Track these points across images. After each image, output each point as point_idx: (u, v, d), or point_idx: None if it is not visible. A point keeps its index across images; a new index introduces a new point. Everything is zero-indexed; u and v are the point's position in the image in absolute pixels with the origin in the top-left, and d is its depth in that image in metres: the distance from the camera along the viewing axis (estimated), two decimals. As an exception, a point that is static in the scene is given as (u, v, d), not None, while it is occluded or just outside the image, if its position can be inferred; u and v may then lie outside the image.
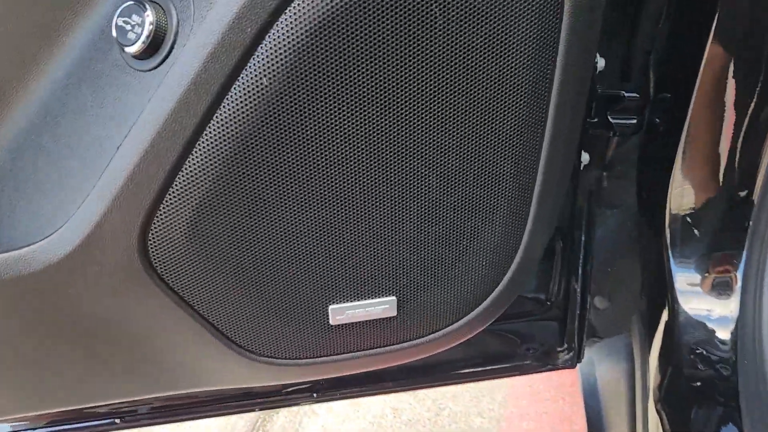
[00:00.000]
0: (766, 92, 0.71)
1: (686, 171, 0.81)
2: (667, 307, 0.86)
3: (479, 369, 0.97)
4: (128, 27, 0.51)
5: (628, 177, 0.97)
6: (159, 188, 0.53)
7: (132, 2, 0.51)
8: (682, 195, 0.82)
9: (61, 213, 0.56)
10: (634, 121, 0.87)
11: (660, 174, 0.86)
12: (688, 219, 0.82)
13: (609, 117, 0.87)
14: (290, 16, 0.48)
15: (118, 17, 0.51)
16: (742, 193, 0.77)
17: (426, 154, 0.56)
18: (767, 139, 0.71)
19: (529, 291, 0.99)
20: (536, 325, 1.00)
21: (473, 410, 1.47)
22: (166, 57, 0.51)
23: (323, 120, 0.52)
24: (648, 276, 0.98)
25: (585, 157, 0.88)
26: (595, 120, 0.87)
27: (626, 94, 0.86)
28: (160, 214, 0.54)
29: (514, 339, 0.99)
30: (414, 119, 0.54)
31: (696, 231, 0.81)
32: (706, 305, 0.80)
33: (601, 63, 0.81)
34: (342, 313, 0.64)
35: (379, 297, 0.64)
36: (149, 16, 0.50)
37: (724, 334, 0.76)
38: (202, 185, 0.53)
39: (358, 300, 0.63)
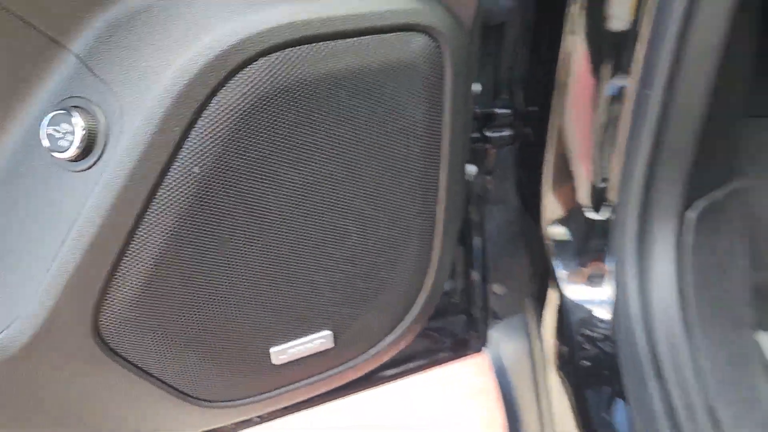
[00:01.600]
0: (603, 109, 0.85)
1: (549, 182, 0.94)
2: (555, 290, 0.99)
3: (401, 369, 1.07)
4: (59, 135, 0.54)
5: (509, 179, 1.10)
6: (106, 277, 0.58)
7: (59, 111, 0.54)
8: (550, 203, 0.95)
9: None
10: (508, 134, 1.00)
11: (535, 178, 0.99)
12: (559, 224, 0.95)
13: (485, 132, 0.99)
14: (213, 112, 0.54)
15: (48, 126, 0.54)
16: (590, 210, 0.91)
17: (346, 210, 0.64)
18: (615, 151, 0.84)
19: (438, 291, 1.11)
20: (448, 320, 1.12)
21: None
22: (101, 156, 0.55)
23: (249, 194, 0.59)
24: (535, 263, 1.12)
25: (473, 169, 1.00)
26: (477, 135, 0.99)
27: (498, 111, 0.99)
28: (109, 298, 0.59)
29: (432, 336, 1.10)
30: (333, 185, 0.62)
31: (567, 233, 0.95)
32: (585, 293, 0.94)
33: (477, 87, 0.93)
34: (284, 353, 0.71)
35: (316, 333, 0.71)
36: (79, 123, 0.54)
37: (603, 315, 0.90)
38: (146, 267, 0.58)
39: (297, 338, 0.71)
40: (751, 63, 0.92)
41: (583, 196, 0.91)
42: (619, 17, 0.81)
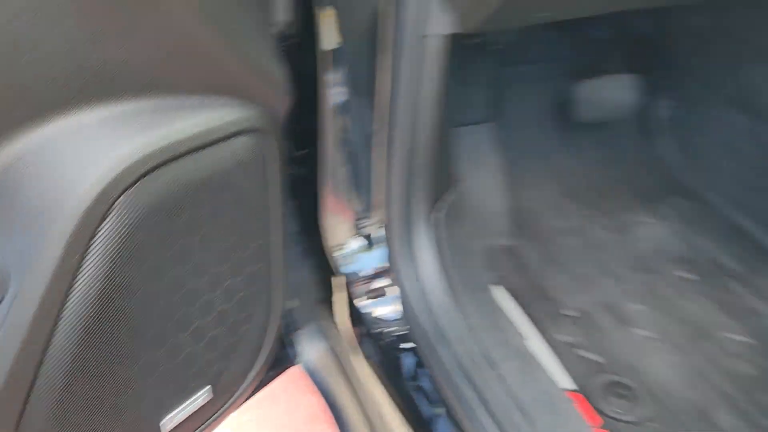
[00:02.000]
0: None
1: (326, 214, 1.16)
2: (343, 293, 1.22)
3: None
4: None
5: (289, 209, 1.28)
6: (23, 402, 0.62)
7: None
8: (329, 231, 1.17)
9: None
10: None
11: (313, 207, 1.20)
12: (340, 245, 1.17)
13: None
14: (104, 234, 0.63)
15: None
16: (360, 234, 1.15)
17: (215, 284, 0.77)
18: (378, 182, 1.09)
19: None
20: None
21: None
22: (4, 296, 0.60)
23: (140, 291, 0.68)
24: (320, 273, 1.33)
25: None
26: None
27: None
28: (26, 418, 0.64)
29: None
30: (205, 265, 0.74)
31: (349, 252, 1.17)
32: (372, 296, 1.17)
33: None
34: (172, 420, 0.80)
35: (198, 392, 0.82)
36: None
37: (392, 308, 1.14)
38: (59, 381, 0.64)
39: (183, 403, 0.81)
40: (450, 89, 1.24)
41: (353, 223, 1.14)
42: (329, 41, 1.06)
